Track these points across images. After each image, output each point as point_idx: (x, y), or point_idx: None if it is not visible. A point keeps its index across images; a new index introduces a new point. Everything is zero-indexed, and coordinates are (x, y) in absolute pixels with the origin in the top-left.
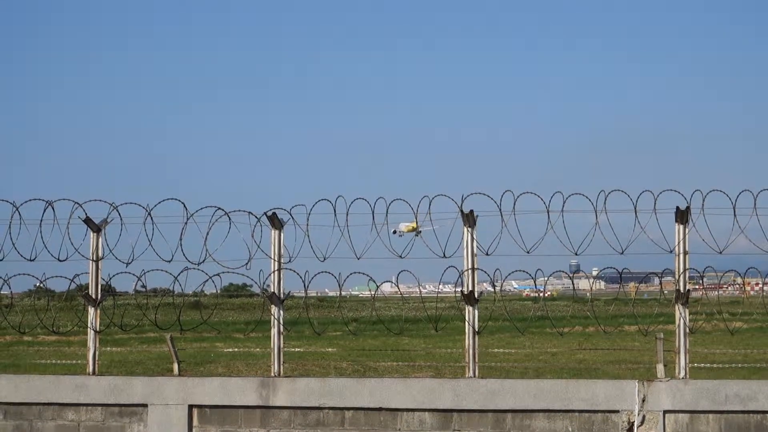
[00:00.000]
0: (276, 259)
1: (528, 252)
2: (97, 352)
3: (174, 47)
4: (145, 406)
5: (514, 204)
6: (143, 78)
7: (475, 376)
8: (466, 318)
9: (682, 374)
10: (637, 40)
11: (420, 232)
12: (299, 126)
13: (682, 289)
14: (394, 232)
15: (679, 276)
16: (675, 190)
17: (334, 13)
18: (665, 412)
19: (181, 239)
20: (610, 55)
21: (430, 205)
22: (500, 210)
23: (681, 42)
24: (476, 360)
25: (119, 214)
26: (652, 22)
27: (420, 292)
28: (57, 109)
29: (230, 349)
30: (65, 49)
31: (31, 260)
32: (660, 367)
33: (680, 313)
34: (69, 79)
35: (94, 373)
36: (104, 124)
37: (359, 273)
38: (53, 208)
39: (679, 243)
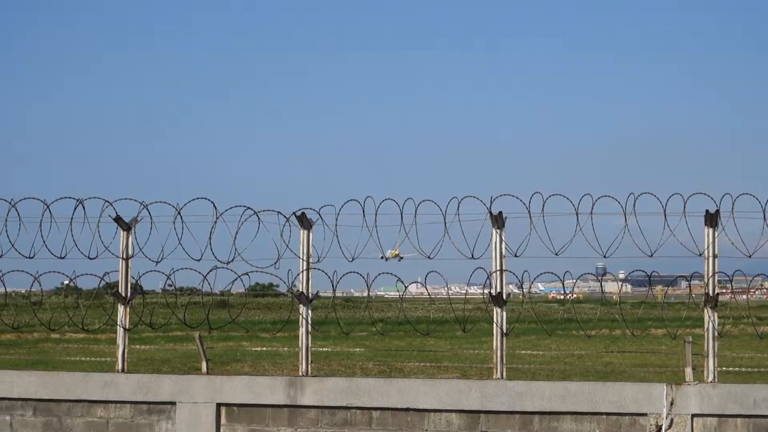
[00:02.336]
0: (305, 258)
1: (556, 254)
2: (126, 350)
3: (209, 47)
4: (173, 404)
5: (543, 206)
6: (178, 77)
7: (502, 378)
8: (495, 319)
9: (711, 378)
10: (667, 41)
11: (402, 258)
12: (329, 127)
13: (711, 292)
14: (382, 257)
15: (709, 279)
16: (704, 194)
17: (359, 14)
18: (693, 415)
19: (210, 238)
20: (639, 56)
21: (458, 206)
22: (529, 212)
23: (713, 43)
24: (504, 361)
25: (149, 213)
26: (680, 24)
27: (448, 293)
28: (91, 109)
29: (257, 348)
30: (97, 49)
31: (61, 258)
32: (688, 371)
33: (709, 317)
34: (103, 79)
35: (123, 371)
36: (137, 124)
37: (387, 273)
38: (84, 207)
39: (708, 246)
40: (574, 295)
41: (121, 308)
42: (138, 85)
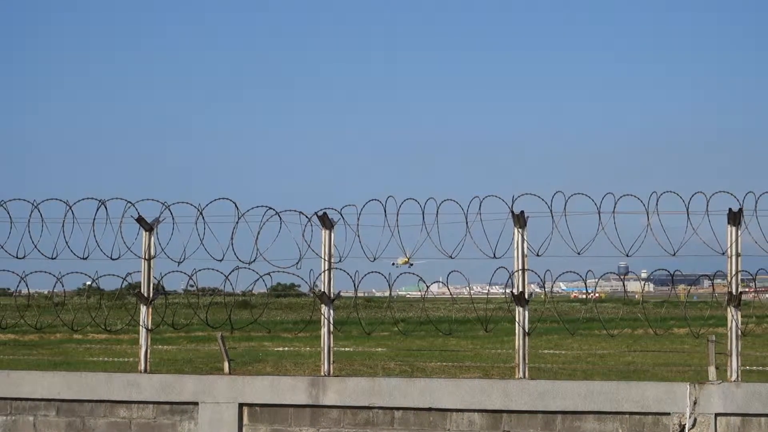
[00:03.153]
0: (326, 258)
1: (579, 253)
2: (148, 351)
3: (227, 47)
4: (195, 404)
5: (565, 205)
6: (197, 78)
7: (525, 377)
8: (517, 319)
9: (734, 377)
10: (686, 41)
11: (412, 264)
12: (350, 127)
13: (734, 291)
14: (393, 263)
15: (732, 278)
16: (727, 192)
17: (377, 13)
18: (717, 414)
19: (232, 239)
20: (660, 56)
21: (480, 205)
22: (551, 211)
23: (728, 43)
24: (526, 361)
25: (171, 214)
26: (697, 24)
27: (470, 292)
28: (113, 110)
29: (279, 349)
30: (112, 49)
31: (84, 258)
32: (712, 370)
33: (732, 316)
34: (126, 79)
35: (145, 371)
36: (158, 125)
37: (409, 273)
38: (106, 208)
39: (731, 245)
40: (596, 295)
41: (143, 309)
42: (157, 86)
